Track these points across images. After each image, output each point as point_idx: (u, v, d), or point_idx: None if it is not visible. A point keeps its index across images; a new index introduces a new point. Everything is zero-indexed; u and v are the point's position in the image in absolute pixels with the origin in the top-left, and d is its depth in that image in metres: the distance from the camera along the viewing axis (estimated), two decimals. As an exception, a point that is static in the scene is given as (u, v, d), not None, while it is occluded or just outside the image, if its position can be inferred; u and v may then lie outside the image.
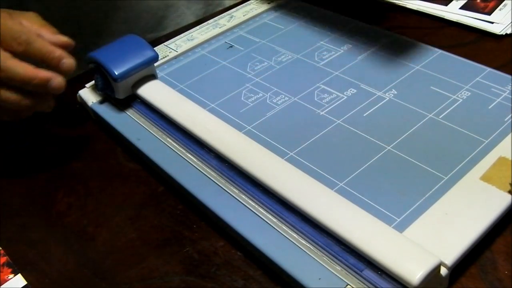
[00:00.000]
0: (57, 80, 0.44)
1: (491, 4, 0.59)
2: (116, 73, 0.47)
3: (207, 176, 0.41)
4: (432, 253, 0.31)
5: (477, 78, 0.47)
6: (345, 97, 0.47)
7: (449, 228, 0.34)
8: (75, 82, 0.53)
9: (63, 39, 0.46)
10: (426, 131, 0.42)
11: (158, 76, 0.52)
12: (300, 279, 0.33)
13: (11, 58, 0.42)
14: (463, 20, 0.58)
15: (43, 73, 0.43)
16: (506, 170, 0.37)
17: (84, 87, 0.53)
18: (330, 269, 0.33)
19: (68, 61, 0.44)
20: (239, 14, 0.62)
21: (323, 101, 0.47)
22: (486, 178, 0.37)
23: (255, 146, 0.41)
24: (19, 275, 0.38)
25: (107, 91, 0.47)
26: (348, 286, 0.32)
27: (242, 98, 0.49)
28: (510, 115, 0.42)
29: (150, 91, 0.49)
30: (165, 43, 0.58)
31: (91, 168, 0.46)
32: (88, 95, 0.52)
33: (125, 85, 0.49)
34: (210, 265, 0.37)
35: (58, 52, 0.44)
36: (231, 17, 0.62)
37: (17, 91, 0.43)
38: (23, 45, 0.42)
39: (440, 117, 0.43)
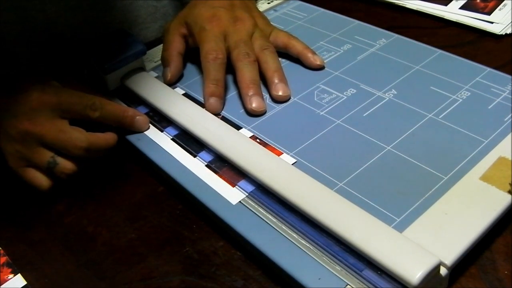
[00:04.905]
0: (142, 117, 0.46)
1: (491, 4, 0.59)
2: (105, 66, 0.49)
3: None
4: (432, 253, 0.31)
5: (477, 78, 0.47)
6: (345, 97, 0.47)
7: (449, 228, 0.34)
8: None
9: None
10: (426, 131, 0.42)
11: (157, 76, 0.52)
12: (300, 279, 0.33)
13: (109, 101, 0.44)
14: (463, 20, 0.58)
15: (130, 111, 0.45)
16: (506, 170, 0.37)
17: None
18: (330, 269, 0.33)
19: (142, 118, 0.46)
20: (239, 14, 0.62)
21: (323, 101, 0.47)
22: (486, 178, 0.37)
23: (254, 145, 0.41)
24: (19, 275, 0.38)
25: (96, 83, 0.49)
26: (348, 286, 0.32)
27: (242, 98, 0.49)
28: (510, 115, 0.42)
29: (139, 83, 0.50)
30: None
31: (91, 168, 0.46)
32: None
33: (114, 77, 0.50)
34: (210, 265, 0.37)
35: (131, 111, 0.46)
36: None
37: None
38: (98, 111, 0.43)
39: (440, 117, 0.43)
